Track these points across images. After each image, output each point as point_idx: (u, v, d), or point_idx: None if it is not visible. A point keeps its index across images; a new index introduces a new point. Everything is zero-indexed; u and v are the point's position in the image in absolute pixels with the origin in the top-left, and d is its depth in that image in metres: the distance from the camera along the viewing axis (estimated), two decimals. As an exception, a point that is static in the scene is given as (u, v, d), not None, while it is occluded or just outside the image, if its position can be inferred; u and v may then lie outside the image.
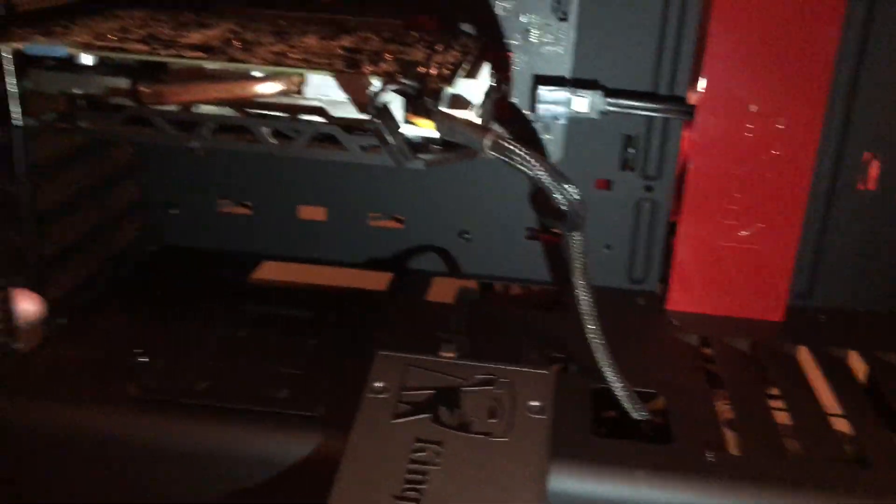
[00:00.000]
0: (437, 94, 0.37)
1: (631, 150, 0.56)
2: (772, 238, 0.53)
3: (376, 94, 0.35)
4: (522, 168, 0.33)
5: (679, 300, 0.55)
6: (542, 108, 0.52)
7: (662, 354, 0.50)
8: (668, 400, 0.45)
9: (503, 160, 0.33)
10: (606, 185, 0.57)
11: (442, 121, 0.35)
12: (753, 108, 0.51)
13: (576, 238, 0.38)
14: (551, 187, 0.33)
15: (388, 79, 0.36)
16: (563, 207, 0.34)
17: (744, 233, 0.53)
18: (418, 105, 0.35)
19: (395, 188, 0.58)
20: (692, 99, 0.53)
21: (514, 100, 0.53)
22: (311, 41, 0.44)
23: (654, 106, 0.53)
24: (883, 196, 0.54)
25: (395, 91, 0.36)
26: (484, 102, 0.42)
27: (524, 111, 0.54)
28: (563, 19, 0.52)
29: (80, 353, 0.46)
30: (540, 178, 0.33)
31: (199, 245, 0.61)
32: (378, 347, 0.43)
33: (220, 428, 0.40)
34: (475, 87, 0.41)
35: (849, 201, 0.55)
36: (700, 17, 0.51)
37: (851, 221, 0.55)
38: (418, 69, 0.39)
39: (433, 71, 0.39)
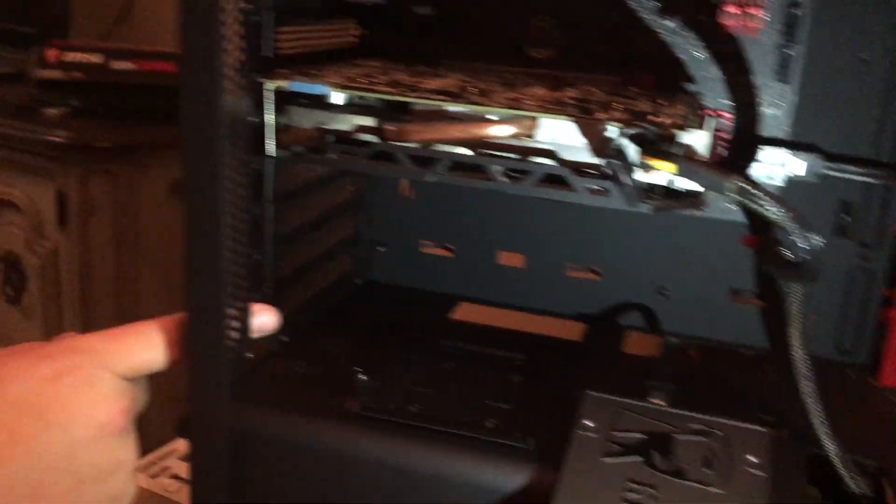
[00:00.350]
0: (672, 139, 0.38)
1: (846, 217, 0.54)
2: None
3: (615, 136, 0.37)
4: (767, 212, 0.33)
5: (894, 376, 0.52)
6: (756, 168, 0.52)
7: (880, 428, 0.48)
8: (884, 473, 0.43)
9: (745, 203, 0.34)
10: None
11: (683, 163, 0.35)
12: None
13: (799, 292, 0.38)
14: (795, 232, 0.33)
15: (626, 124, 0.37)
16: (802, 255, 0.34)
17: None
18: (657, 149, 0.36)
19: (594, 240, 0.59)
20: (918, 167, 0.51)
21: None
22: (539, 91, 0.46)
23: (874, 172, 0.51)
24: None
25: (634, 135, 0.37)
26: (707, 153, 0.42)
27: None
28: (784, 81, 0.51)
29: (302, 368, 0.49)
30: (784, 223, 0.33)
31: (401, 282, 0.64)
32: (584, 389, 0.44)
33: (435, 449, 0.42)
34: (699, 139, 0.42)
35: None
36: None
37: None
38: (651, 117, 0.40)
39: (666, 120, 0.40)
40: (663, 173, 0.37)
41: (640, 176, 0.39)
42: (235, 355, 0.44)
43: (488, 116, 0.43)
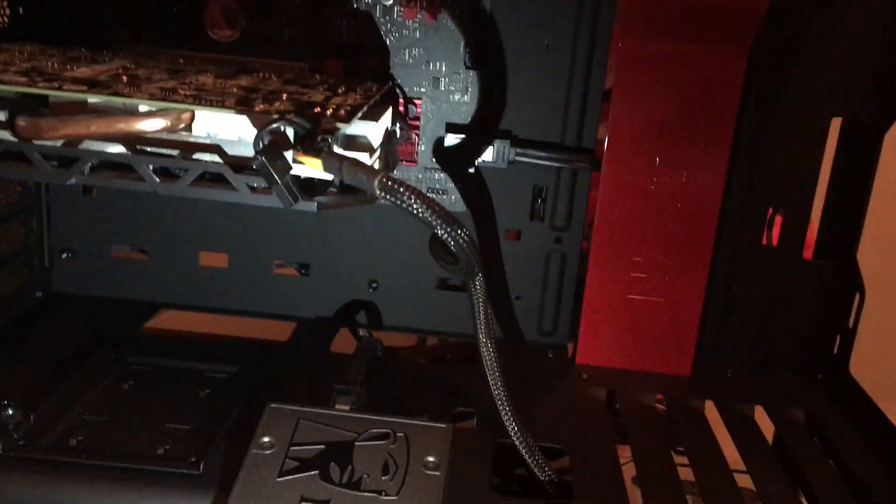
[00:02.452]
0: (330, 134, 0.36)
1: (540, 201, 0.55)
2: (678, 292, 0.53)
3: (266, 130, 0.34)
4: (413, 210, 0.32)
5: (588, 354, 0.54)
6: (449, 155, 0.52)
7: (570, 409, 0.49)
8: (572, 456, 0.44)
9: (394, 203, 0.32)
10: (517, 235, 0.56)
11: (330, 160, 0.33)
12: (658, 161, 0.51)
13: (475, 285, 0.37)
14: (441, 231, 0.32)
15: (281, 116, 0.34)
16: (457, 250, 0.33)
17: (651, 286, 0.53)
18: (307, 144, 0.34)
19: (301, 236, 0.57)
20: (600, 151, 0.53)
21: (422, 147, 0.52)
22: (206, 79, 0.42)
23: (561, 157, 0.53)
24: (788, 251, 0.55)
25: (284, 129, 0.35)
26: (384, 146, 0.41)
27: (432, 159, 0.53)
28: (471, 68, 0.51)
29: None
30: (430, 221, 0.32)
31: (91, 292, 0.58)
32: (271, 400, 0.41)
33: (92, 486, 0.37)
34: (376, 131, 0.40)
35: (754, 256, 0.55)
36: (605, 72, 0.52)
37: (757, 276, 0.55)
38: (313, 109, 0.38)
39: (329, 111, 0.38)
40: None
41: (306, 171, 0.37)
42: None
43: (140, 108, 0.38)
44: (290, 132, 0.35)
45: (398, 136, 0.48)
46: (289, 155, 0.35)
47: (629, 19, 0.49)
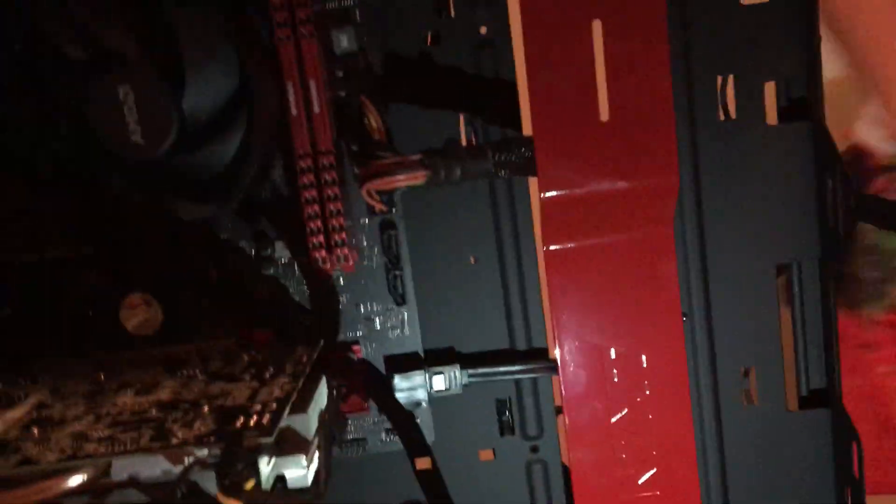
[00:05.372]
0: (255, 453, 0.33)
1: (507, 414, 0.53)
2: (670, 478, 0.50)
3: (179, 482, 0.31)
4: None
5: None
6: (401, 397, 0.49)
7: None
8: None
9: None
10: (492, 454, 0.53)
11: (254, 498, 0.31)
12: (614, 352, 0.49)
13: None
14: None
15: (191, 463, 0.32)
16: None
17: (642, 481, 0.50)
18: (227, 483, 0.31)
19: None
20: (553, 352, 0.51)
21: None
22: (126, 399, 0.40)
23: (514, 368, 0.51)
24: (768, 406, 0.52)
25: (203, 469, 0.32)
26: (319, 434, 0.38)
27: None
28: (402, 303, 0.50)
29: None
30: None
31: None
32: None
33: None
34: (309, 420, 0.38)
35: (738, 418, 0.52)
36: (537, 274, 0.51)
37: (745, 437, 0.52)
38: (235, 422, 0.35)
39: (253, 419, 0.36)
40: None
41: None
42: None
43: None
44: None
45: (337, 395, 0.45)
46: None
47: (550, 224, 0.48)
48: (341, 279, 0.49)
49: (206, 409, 0.38)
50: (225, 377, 0.42)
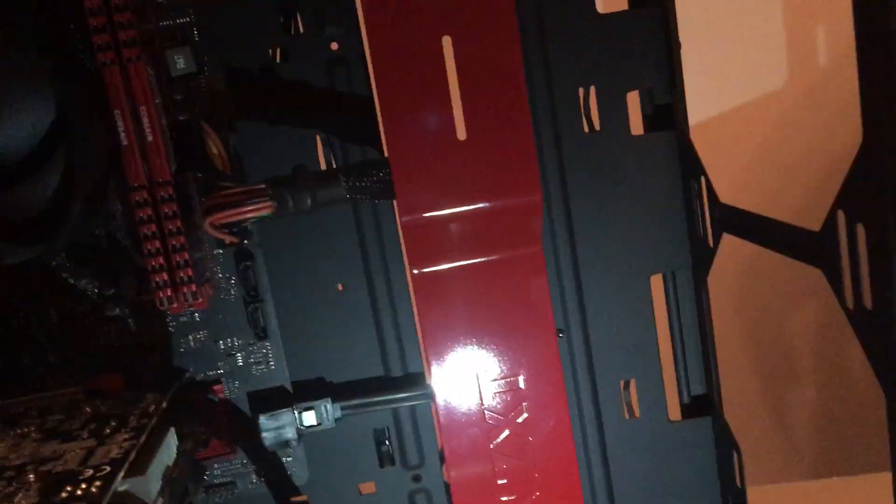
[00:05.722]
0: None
1: (387, 443, 0.50)
2: (554, 500, 0.48)
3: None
4: None
5: None
6: (269, 438, 0.46)
7: None
8: None
9: None
10: (374, 487, 0.51)
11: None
12: (490, 374, 0.47)
13: None
14: None
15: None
16: None
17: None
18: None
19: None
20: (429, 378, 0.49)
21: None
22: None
23: (390, 398, 0.48)
24: (650, 418, 0.51)
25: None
26: (165, 493, 0.35)
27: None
28: (265, 336, 0.47)
29: None
30: None
31: None
32: None
33: None
34: (150, 481, 0.35)
35: (621, 431, 0.51)
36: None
37: (629, 450, 0.52)
38: (61, 494, 0.32)
39: (81, 488, 0.32)
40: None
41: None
42: None
43: None
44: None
45: (195, 444, 0.42)
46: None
47: (415, 248, 0.46)
48: (196, 315, 0.46)
49: (31, 476, 0.34)
50: (61, 435, 0.38)
